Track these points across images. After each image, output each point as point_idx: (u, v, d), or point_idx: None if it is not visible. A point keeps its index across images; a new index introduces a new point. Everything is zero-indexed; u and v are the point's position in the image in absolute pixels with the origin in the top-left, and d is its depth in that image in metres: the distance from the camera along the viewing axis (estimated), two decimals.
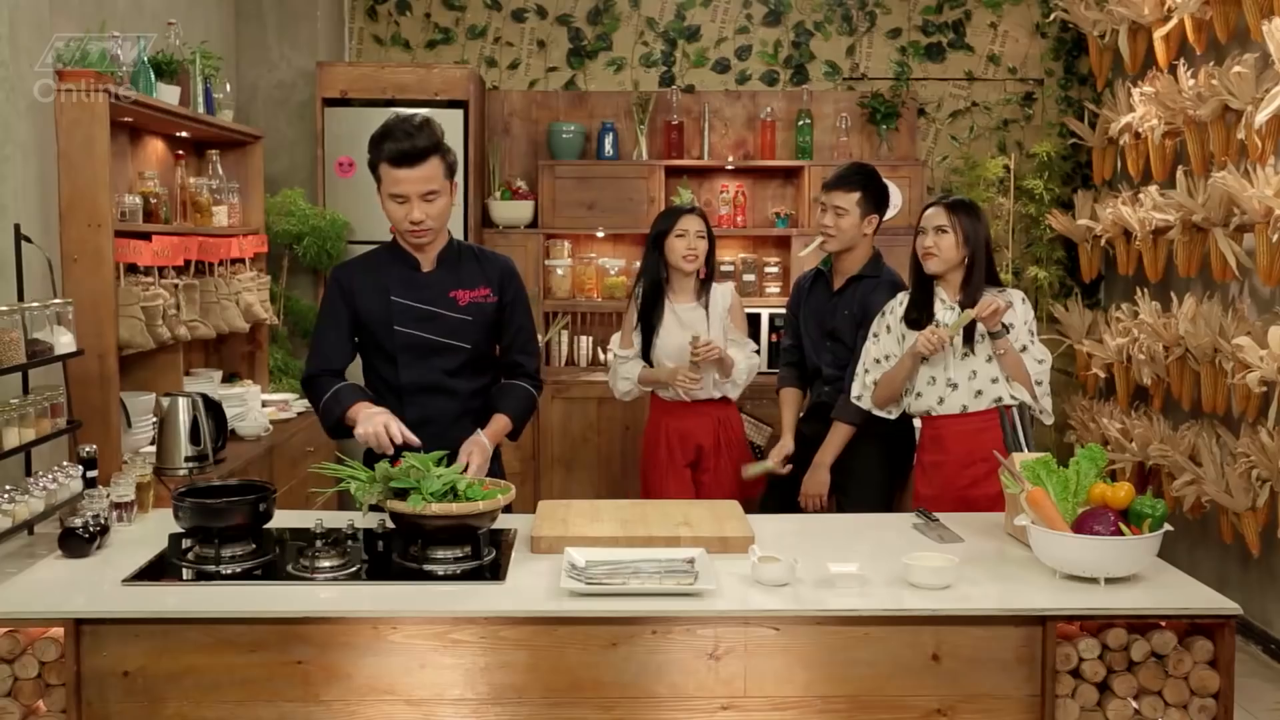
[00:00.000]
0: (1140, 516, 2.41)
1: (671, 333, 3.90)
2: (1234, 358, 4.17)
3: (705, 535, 2.61)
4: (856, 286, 3.85)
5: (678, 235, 3.85)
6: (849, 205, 3.80)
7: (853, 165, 4.01)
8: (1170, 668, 2.29)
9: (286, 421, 4.59)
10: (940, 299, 3.41)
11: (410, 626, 2.25)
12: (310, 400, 3.02)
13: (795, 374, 4.08)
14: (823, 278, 3.97)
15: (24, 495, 2.71)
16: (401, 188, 2.83)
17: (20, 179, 3.27)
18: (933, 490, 3.38)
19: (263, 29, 5.75)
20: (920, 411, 3.45)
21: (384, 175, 2.84)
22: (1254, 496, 4.17)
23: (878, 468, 3.83)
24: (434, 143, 2.83)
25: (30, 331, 2.99)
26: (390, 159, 2.81)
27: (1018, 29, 6.16)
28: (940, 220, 3.39)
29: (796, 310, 4.05)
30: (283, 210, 5.30)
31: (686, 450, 3.93)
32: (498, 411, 2.99)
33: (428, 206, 2.85)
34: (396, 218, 2.88)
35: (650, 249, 3.92)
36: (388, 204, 2.88)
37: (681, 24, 6.17)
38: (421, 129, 2.82)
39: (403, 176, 2.82)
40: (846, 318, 3.83)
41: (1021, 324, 3.37)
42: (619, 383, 4.00)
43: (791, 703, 2.28)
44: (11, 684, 2.23)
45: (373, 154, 2.86)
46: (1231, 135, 4.40)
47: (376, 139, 2.85)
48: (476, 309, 2.97)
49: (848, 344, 3.81)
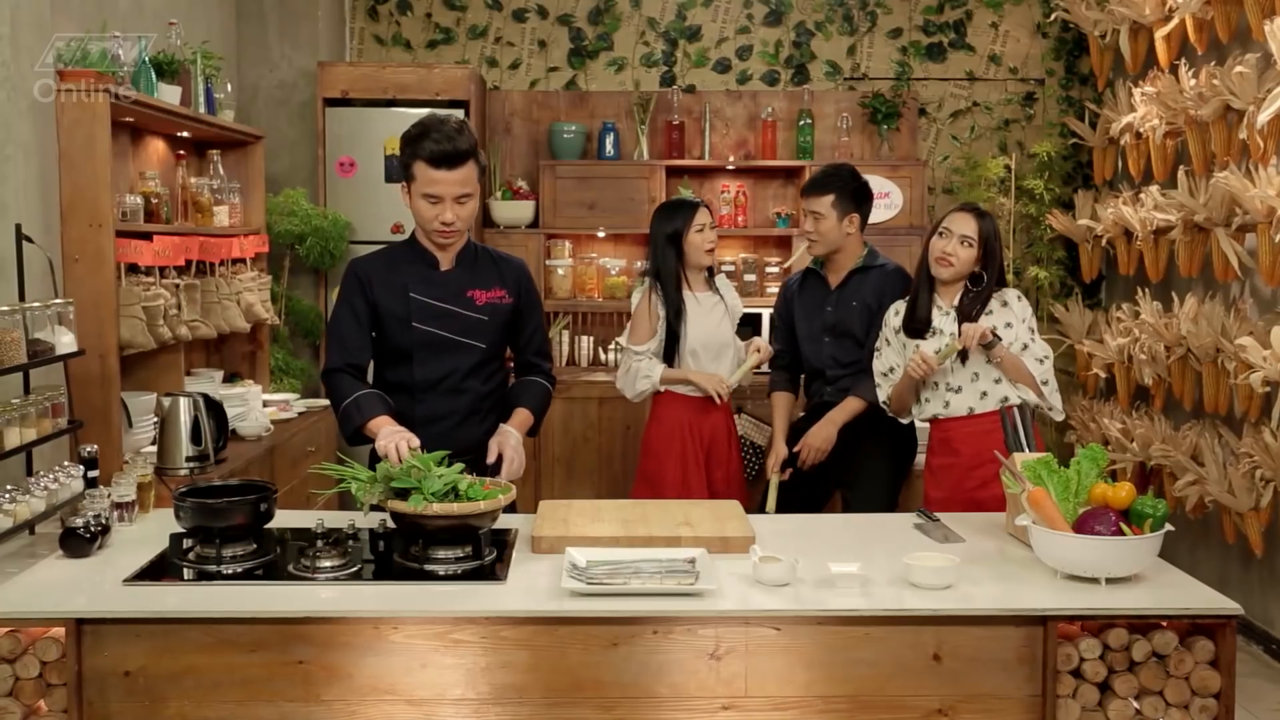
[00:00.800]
0: (1141, 517, 2.41)
1: (699, 322, 3.85)
2: (1236, 358, 4.16)
3: (706, 535, 2.61)
4: (863, 277, 3.86)
5: (697, 230, 3.82)
6: (824, 209, 3.82)
7: (825, 168, 4.01)
8: (1171, 668, 2.29)
9: (287, 421, 4.59)
10: (938, 305, 3.40)
11: (411, 626, 2.25)
12: (329, 397, 2.99)
13: (786, 377, 4.09)
14: (814, 276, 3.97)
15: (25, 495, 2.71)
16: (437, 189, 2.83)
17: (21, 179, 3.27)
18: (942, 493, 3.37)
19: (264, 29, 5.75)
20: (928, 416, 3.45)
21: (419, 174, 2.83)
22: (1257, 497, 4.17)
23: (884, 465, 3.84)
24: (472, 146, 2.84)
25: (31, 331, 2.99)
26: (430, 159, 2.80)
27: (1019, 29, 6.16)
28: (968, 230, 3.34)
29: (788, 314, 4.06)
30: (284, 210, 5.30)
31: (703, 446, 3.89)
32: (519, 406, 3.02)
33: (459, 209, 2.86)
34: (426, 217, 2.87)
35: (665, 246, 3.84)
36: (418, 202, 2.87)
37: (682, 24, 6.17)
38: (462, 131, 2.82)
39: (440, 178, 2.81)
40: (855, 309, 3.84)
41: (1020, 321, 3.36)
42: (638, 382, 3.87)
43: (792, 703, 2.27)
44: (13, 684, 2.23)
45: (408, 151, 2.84)
46: (1233, 135, 4.39)
47: (413, 137, 2.83)
48: (492, 309, 2.99)
49: (857, 336, 3.81)
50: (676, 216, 3.85)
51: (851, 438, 3.82)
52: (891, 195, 5.85)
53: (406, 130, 2.88)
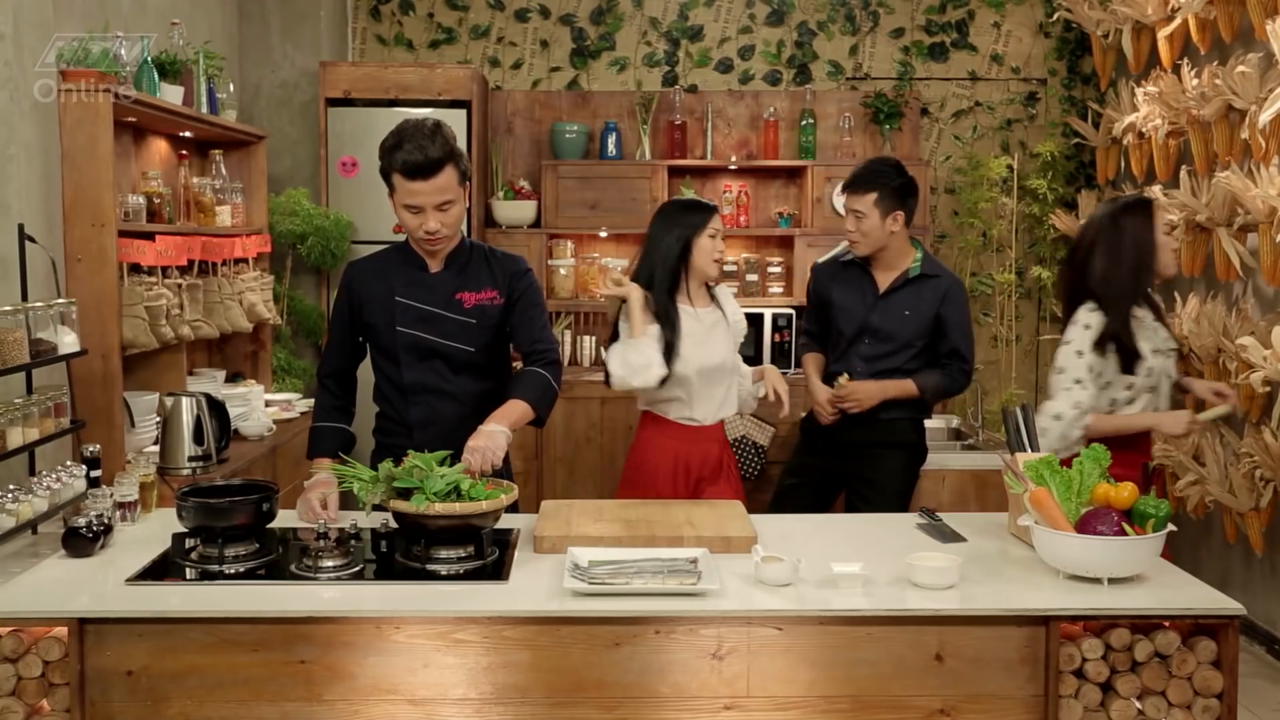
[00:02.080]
0: (1144, 517, 2.41)
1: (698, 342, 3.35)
2: (1237, 358, 4.16)
3: (708, 535, 2.62)
4: (919, 288, 3.70)
5: (710, 236, 3.38)
6: (866, 208, 3.63)
7: (867, 164, 3.75)
8: (1174, 668, 2.29)
9: (289, 421, 4.59)
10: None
11: (413, 626, 2.25)
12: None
13: (816, 345, 3.93)
14: (857, 269, 3.77)
15: (28, 495, 2.72)
16: (416, 199, 2.79)
17: (24, 179, 3.28)
18: None
19: (266, 29, 5.75)
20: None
21: (397, 185, 2.81)
22: (1258, 497, 4.17)
23: (899, 478, 3.77)
24: (447, 152, 2.77)
25: (34, 331, 2.99)
26: (404, 171, 2.76)
27: (1021, 28, 6.16)
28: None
29: (823, 299, 3.84)
30: (286, 210, 5.30)
31: (690, 481, 3.39)
32: (510, 398, 2.85)
33: (442, 216, 2.82)
34: (411, 226, 2.85)
35: (669, 248, 3.36)
36: (401, 213, 2.85)
37: (684, 24, 6.17)
38: (434, 137, 2.75)
39: (417, 189, 2.77)
40: (908, 318, 3.69)
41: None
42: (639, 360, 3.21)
43: (794, 703, 2.28)
44: (15, 683, 2.23)
45: (385, 161, 2.81)
46: (1235, 135, 4.39)
47: (389, 147, 2.80)
48: (481, 312, 2.94)
49: (900, 341, 3.69)
50: (689, 217, 3.39)
51: (868, 436, 3.73)
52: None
53: (384, 139, 2.82)
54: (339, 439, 2.99)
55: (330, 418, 3.03)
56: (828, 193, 5.86)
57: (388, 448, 2.94)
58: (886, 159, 3.81)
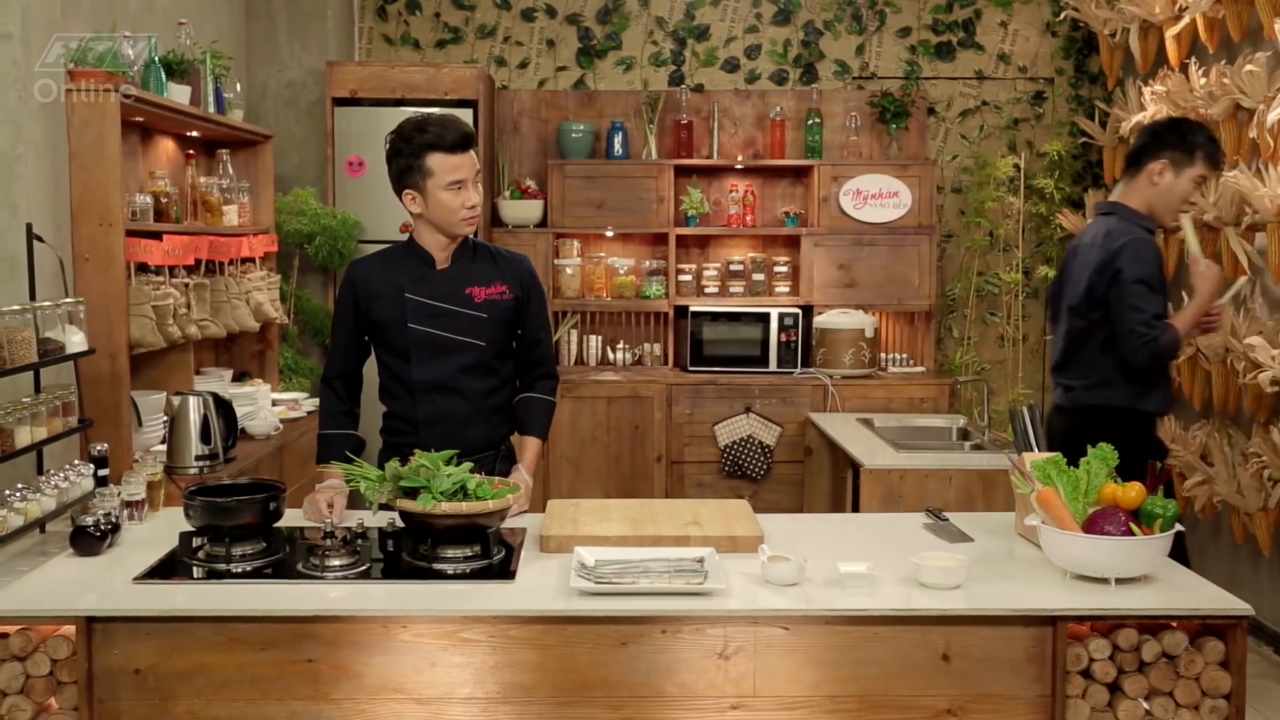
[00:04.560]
0: (1151, 517, 2.41)
1: None
2: (1245, 357, 4.15)
3: (714, 534, 2.61)
4: None
5: None
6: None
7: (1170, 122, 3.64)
8: (1181, 668, 2.28)
9: (296, 420, 4.61)
10: None
11: (420, 625, 2.25)
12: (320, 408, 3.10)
13: None
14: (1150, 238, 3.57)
15: (35, 494, 2.72)
16: (459, 173, 2.82)
17: (32, 178, 3.29)
18: None
19: (273, 28, 5.76)
20: None
21: (436, 165, 2.80)
22: (1265, 496, 4.16)
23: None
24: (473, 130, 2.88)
25: (42, 331, 3.00)
26: (448, 146, 2.80)
27: (1028, 28, 6.15)
28: None
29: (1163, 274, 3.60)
30: (293, 209, 5.31)
31: None
32: (527, 434, 3.03)
33: (478, 190, 2.88)
34: (453, 206, 2.84)
35: None
36: (442, 194, 2.83)
37: (691, 23, 6.17)
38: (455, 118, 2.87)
39: (458, 162, 2.82)
40: None
41: None
42: None
43: (801, 702, 2.27)
44: (23, 681, 2.23)
45: (413, 145, 2.81)
46: (1243, 134, 4.38)
47: (413, 131, 2.81)
48: (491, 306, 2.94)
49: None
50: None
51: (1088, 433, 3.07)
52: (900, 195, 5.85)
53: (398, 134, 2.84)
54: (348, 445, 2.96)
55: (339, 424, 3.01)
56: (834, 192, 5.86)
57: (395, 446, 2.93)
58: (1169, 120, 3.72)
